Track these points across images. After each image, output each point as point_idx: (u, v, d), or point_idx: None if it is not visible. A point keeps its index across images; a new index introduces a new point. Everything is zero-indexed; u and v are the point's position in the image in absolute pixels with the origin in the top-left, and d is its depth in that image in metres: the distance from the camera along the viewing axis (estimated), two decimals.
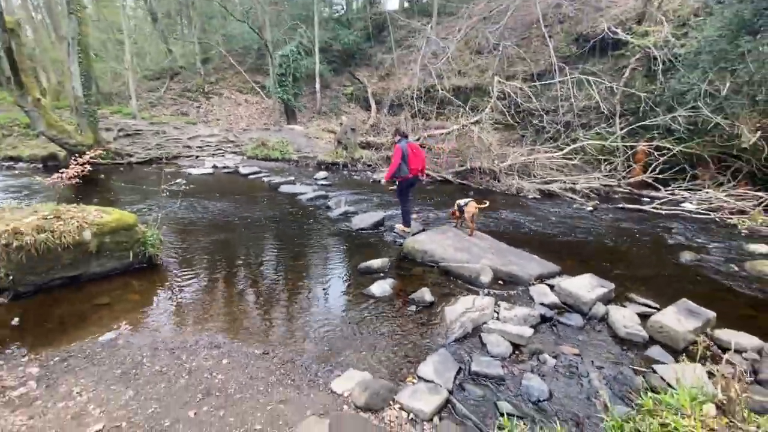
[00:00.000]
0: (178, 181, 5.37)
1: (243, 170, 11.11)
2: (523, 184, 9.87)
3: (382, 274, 4.52)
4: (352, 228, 6.29)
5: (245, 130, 15.13)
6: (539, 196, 9.41)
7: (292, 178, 10.40)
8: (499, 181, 10.26)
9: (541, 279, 4.42)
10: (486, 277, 4.33)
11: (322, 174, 10.99)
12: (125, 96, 17.02)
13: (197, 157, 13.14)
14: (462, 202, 5.67)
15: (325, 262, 4.98)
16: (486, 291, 4.18)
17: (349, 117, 15.13)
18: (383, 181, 5.86)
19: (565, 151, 10.45)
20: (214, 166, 11.73)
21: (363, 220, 6.46)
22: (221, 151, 13.78)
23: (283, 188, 9.09)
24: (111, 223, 4.16)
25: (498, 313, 3.71)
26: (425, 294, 3.97)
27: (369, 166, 12.81)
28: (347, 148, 12.50)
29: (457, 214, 5.73)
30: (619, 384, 2.90)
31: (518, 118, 12.92)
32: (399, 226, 6.10)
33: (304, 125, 16.84)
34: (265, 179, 10.11)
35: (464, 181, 10.73)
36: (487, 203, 5.59)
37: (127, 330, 3.29)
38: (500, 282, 4.39)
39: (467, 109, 12.17)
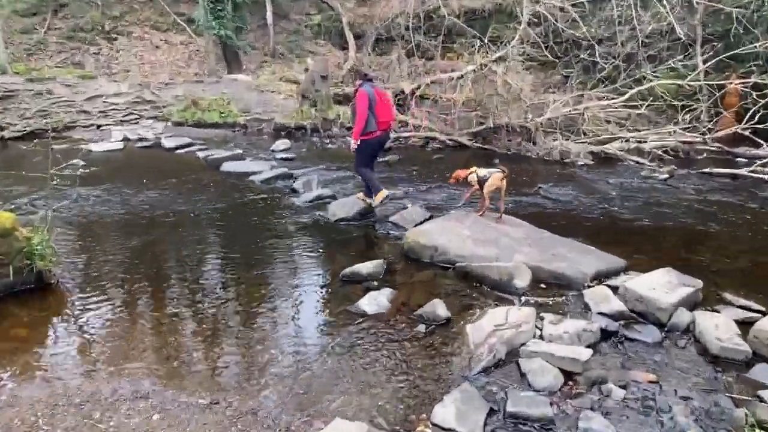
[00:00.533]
0: (73, 162, 5.25)
1: (167, 142, 10.93)
2: (568, 145, 9.92)
3: (375, 283, 4.54)
4: (328, 219, 6.33)
5: (168, 84, 14.86)
6: (592, 162, 9.48)
7: (240, 151, 10.28)
8: (534, 143, 10.30)
9: (599, 278, 4.47)
10: (522, 280, 4.37)
11: (281, 143, 10.89)
12: None
13: (100, 126, 12.85)
14: (484, 172, 5.69)
15: (293, 269, 4.99)
16: (523, 299, 4.22)
17: (318, 60, 14.95)
18: (352, 144, 6.11)
19: (626, 96, 10.49)
20: (125, 138, 11.50)
21: (344, 207, 6.50)
22: (134, 116, 13.53)
23: (228, 166, 9.00)
24: None
25: (541, 329, 3.75)
26: (437, 308, 4.00)
27: (350, 129, 12.64)
28: (316, 105, 12.37)
29: (475, 185, 5.75)
30: (713, 420, 2.95)
31: (559, 51, 12.90)
32: (360, 196, 6.45)
33: (253, 74, 16.60)
34: (201, 154, 10.01)
35: (485, 146, 10.75)
36: (505, 172, 5.63)
37: (11, 380, 3.25)
38: (542, 285, 4.44)
39: (486, 41, 12.09)
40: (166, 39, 18.58)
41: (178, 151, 10.48)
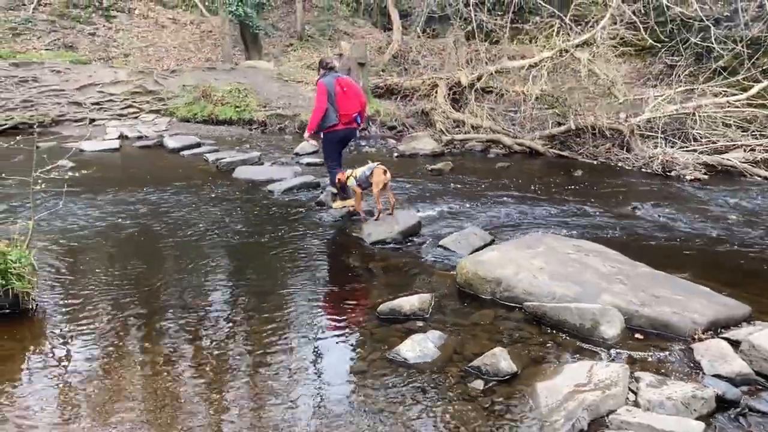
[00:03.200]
0: (61, 163, 5.56)
1: (171, 142, 11.40)
2: (674, 153, 9.67)
3: (420, 323, 4.52)
4: (363, 240, 6.38)
5: (174, 72, 15.52)
6: (704, 175, 9.22)
7: (257, 153, 10.58)
8: (629, 149, 10.11)
9: (714, 329, 4.33)
10: (611, 327, 4.27)
11: (307, 146, 11.03)
12: None
13: (93, 121, 13.56)
14: (363, 169, 6.54)
15: (317, 302, 5.01)
16: (612, 352, 4.13)
17: (355, 43, 15.23)
18: (306, 135, 7.24)
19: (751, 92, 10.17)
20: (122, 136, 12.08)
21: (382, 225, 6.57)
22: (134, 110, 14.18)
23: (242, 172, 9.27)
24: None
25: (636, 392, 3.62)
26: (500, 359, 3.92)
27: (392, 129, 12.86)
28: None
29: (357, 189, 6.67)
30: None
31: (662, 34, 12.66)
32: (337, 203, 7.30)
33: (275, 60, 17.08)
34: (210, 157, 10.34)
35: (564, 152, 10.61)
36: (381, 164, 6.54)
37: None
38: (638, 335, 4.33)
39: (567, 21, 12.01)
40: (174, 17, 19.40)
41: (184, 152, 10.89)
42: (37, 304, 4.72)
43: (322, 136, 7.14)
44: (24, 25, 17.86)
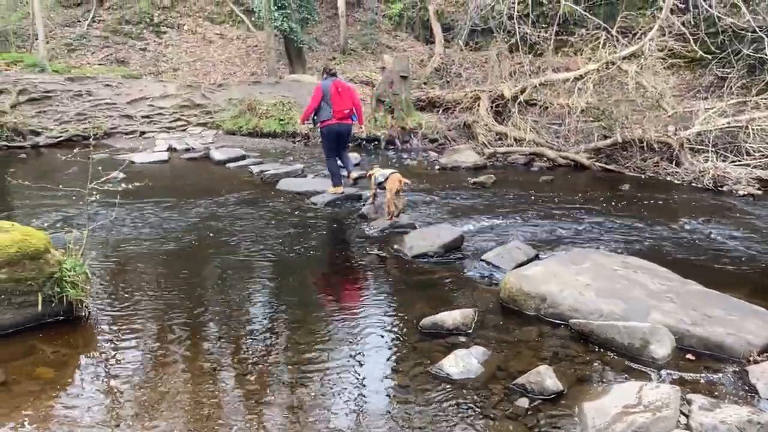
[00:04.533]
0: (114, 174, 5.70)
1: (217, 154, 11.67)
2: (726, 168, 9.40)
3: (462, 338, 4.50)
4: (405, 253, 6.40)
5: (221, 86, 15.89)
6: (759, 191, 8.91)
7: (300, 166, 10.73)
8: (678, 164, 9.87)
9: None
10: (661, 347, 4.17)
11: (350, 157, 11.17)
12: (27, 35, 18.50)
13: (143, 133, 13.99)
14: (383, 172, 7.37)
15: (358, 315, 5.03)
16: (663, 373, 4.03)
17: (397, 56, 15.33)
18: (298, 123, 10.13)
19: None
20: (171, 149, 12.42)
21: (425, 239, 6.56)
22: (182, 123, 14.56)
23: (285, 184, 9.41)
24: (7, 247, 4.38)
25: (688, 415, 3.50)
26: (545, 377, 3.85)
27: (434, 141, 12.85)
28: (393, 111, 12.67)
29: (374, 190, 7.62)
30: None
31: (713, 45, 12.35)
32: (330, 189, 8.72)
33: (319, 74, 17.31)
34: (255, 169, 10.54)
35: (610, 166, 10.42)
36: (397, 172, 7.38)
37: (31, 429, 3.45)
38: (689, 356, 4.22)
39: (614, 33, 11.84)
40: (221, 32, 19.89)
41: (229, 164, 11.13)
42: (90, 312, 4.85)
43: (319, 130, 8.89)
44: (79, 41, 18.59)
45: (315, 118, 8.63)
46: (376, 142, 12.51)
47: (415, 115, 12.91)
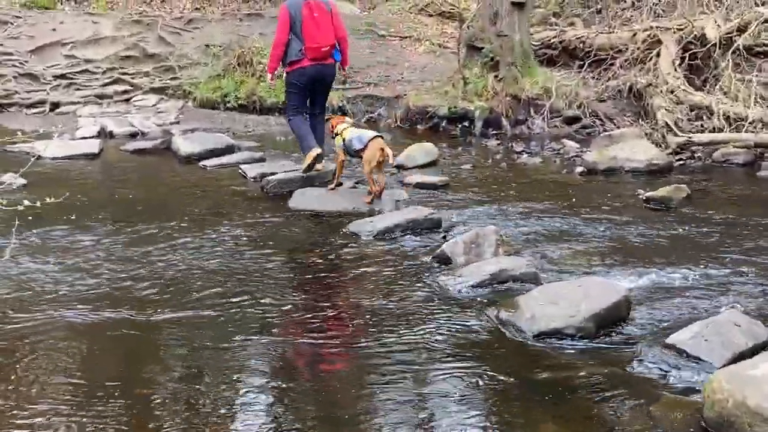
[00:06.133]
0: (5, 179, 4.99)
1: (185, 144, 8.33)
2: None
3: None
4: (522, 330, 4.37)
5: (191, 21, 11.65)
6: None
7: (330, 165, 7.66)
8: None
9: None
10: None
11: (419, 150, 7.93)
12: None
13: (57, 106, 10.19)
14: (358, 134, 6.25)
15: None
16: None
17: None
18: (268, 79, 7.24)
19: None
20: (105, 133, 9.18)
21: (557, 302, 4.64)
22: (124, 88, 10.55)
23: (303, 200, 6.67)
24: None
25: None
26: None
27: (572, 121, 8.98)
28: (499, 67, 9.34)
29: (340, 154, 6.46)
30: None
31: None
32: (305, 161, 6.73)
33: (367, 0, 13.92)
34: (251, 171, 7.48)
35: None
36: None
37: None
38: None
39: None
40: None
41: (206, 162, 7.89)
42: None
43: (285, 75, 6.84)
44: None
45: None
46: (467, 123, 9.01)
47: (539, 74, 9.22)
